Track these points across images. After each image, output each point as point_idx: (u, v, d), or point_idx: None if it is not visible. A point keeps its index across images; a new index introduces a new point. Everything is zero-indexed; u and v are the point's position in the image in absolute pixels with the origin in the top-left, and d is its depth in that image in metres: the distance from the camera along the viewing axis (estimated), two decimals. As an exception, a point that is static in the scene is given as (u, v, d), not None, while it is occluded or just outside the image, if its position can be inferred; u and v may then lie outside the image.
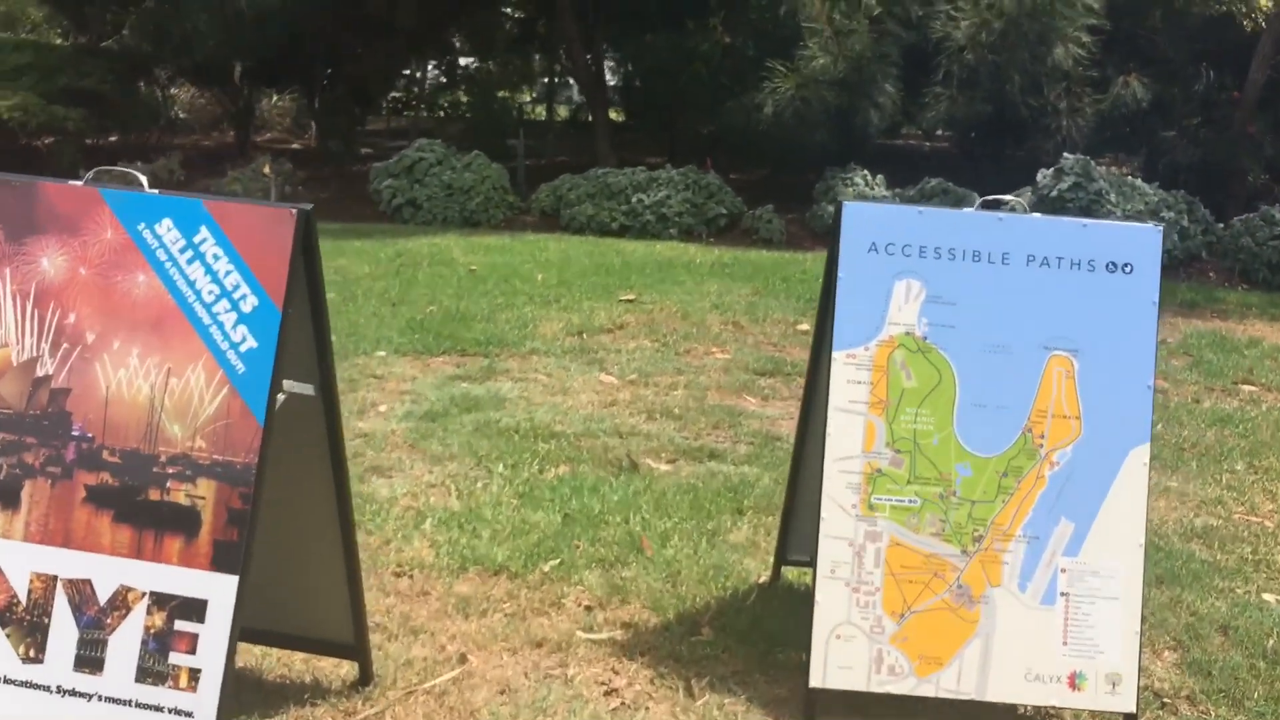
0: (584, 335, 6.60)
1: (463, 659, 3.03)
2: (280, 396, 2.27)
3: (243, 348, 2.23)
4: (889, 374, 2.88)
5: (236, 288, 2.25)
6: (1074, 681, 2.84)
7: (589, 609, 3.34)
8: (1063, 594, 2.86)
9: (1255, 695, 3.09)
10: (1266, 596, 3.71)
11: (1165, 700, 3.06)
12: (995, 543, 2.87)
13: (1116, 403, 2.88)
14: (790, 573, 3.57)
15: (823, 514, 2.86)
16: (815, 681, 2.83)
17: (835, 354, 2.89)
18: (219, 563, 2.21)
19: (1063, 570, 2.86)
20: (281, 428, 2.34)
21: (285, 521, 2.53)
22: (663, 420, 5.16)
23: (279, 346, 2.20)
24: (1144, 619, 2.92)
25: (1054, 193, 10.22)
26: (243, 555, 2.19)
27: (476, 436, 4.78)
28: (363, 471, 4.32)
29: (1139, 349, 2.90)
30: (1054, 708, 2.88)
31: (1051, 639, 2.85)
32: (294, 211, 2.24)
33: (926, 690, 2.84)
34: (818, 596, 2.85)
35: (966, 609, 2.86)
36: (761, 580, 3.57)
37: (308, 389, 2.36)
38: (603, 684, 2.96)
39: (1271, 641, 3.40)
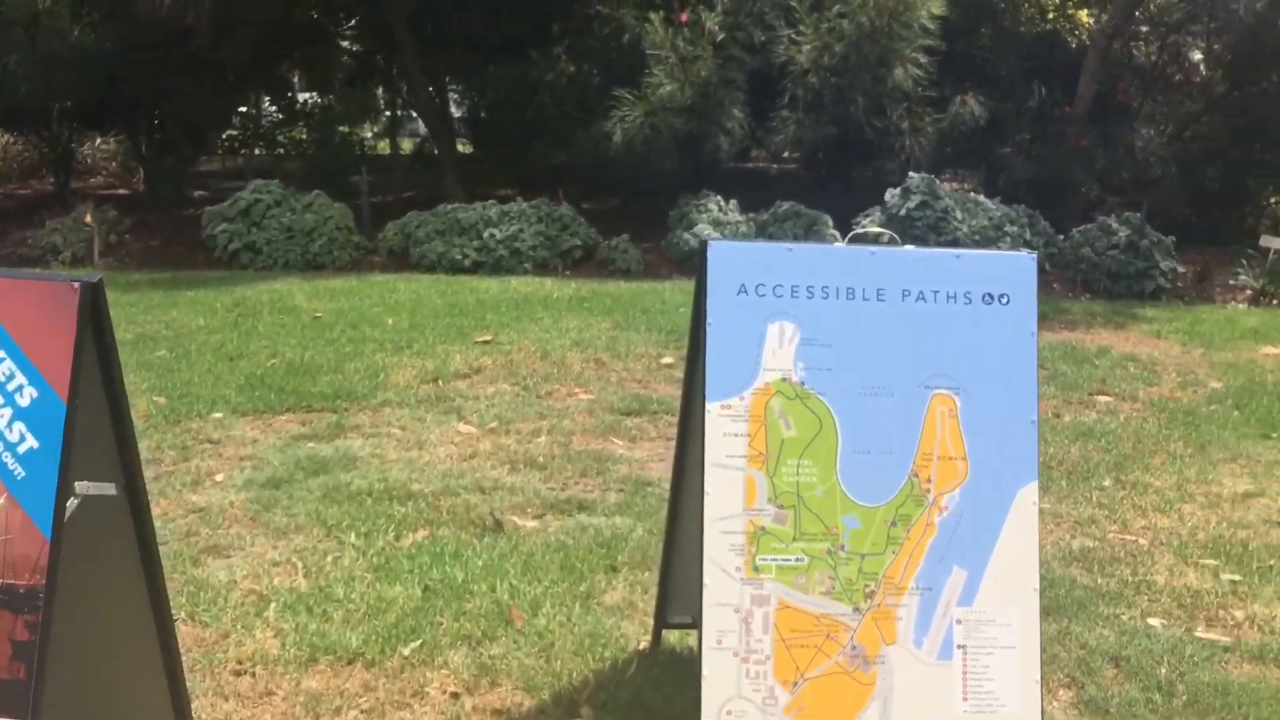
0: (439, 382, 6.28)
1: (315, 769, 2.71)
2: (72, 502, 1.93)
3: (21, 449, 1.89)
4: (767, 424, 2.68)
5: (10, 378, 1.90)
6: (977, 739, 2.68)
7: (455, 696, 3.05)
8: (959, 646, 2.69)
9: (1155, 733, 2.98)
10: (1152, 621, 3.64)
11: (1067, 746, 2.93)
12: (888, 597, 2.69)
13: (1002, 440, 2.74)
14: (671, 636, 3.35)
15: (705, 580, 2.64)
16: (707, 764, 2.60)
17: (709, 406, 2.68)
18: (3, 707, 1.86)
19: (958, 622, 2.70)
20: (80, 535, 2.00)
21: (90, 641, 2.18)
22: (527, 471, 4.88)
23: (66, 444, 1.87)
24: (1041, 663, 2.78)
25: (902, 212, 10.32)
26: (32, 697, 1.84)
27: (325, 503, 4.42)
28: (197, 553, 3.93)
29: (1020, 383, 2.77)
30: (958, 769, 2.71)
31: (952, 695, 2.68)
32: (77, 286, 1.91)
33: (825, 763, 2.64)
34: (704, 670, 2.62)
35: (862, 671, 2.67)
36: (641, 646, 3.33)
37: (108, 488, 2.03)
38: (474, 784, 2.67)
39: (1163, 670, 3.32)
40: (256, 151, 18.80)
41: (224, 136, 18.31)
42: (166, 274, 10.07)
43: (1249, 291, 10.24)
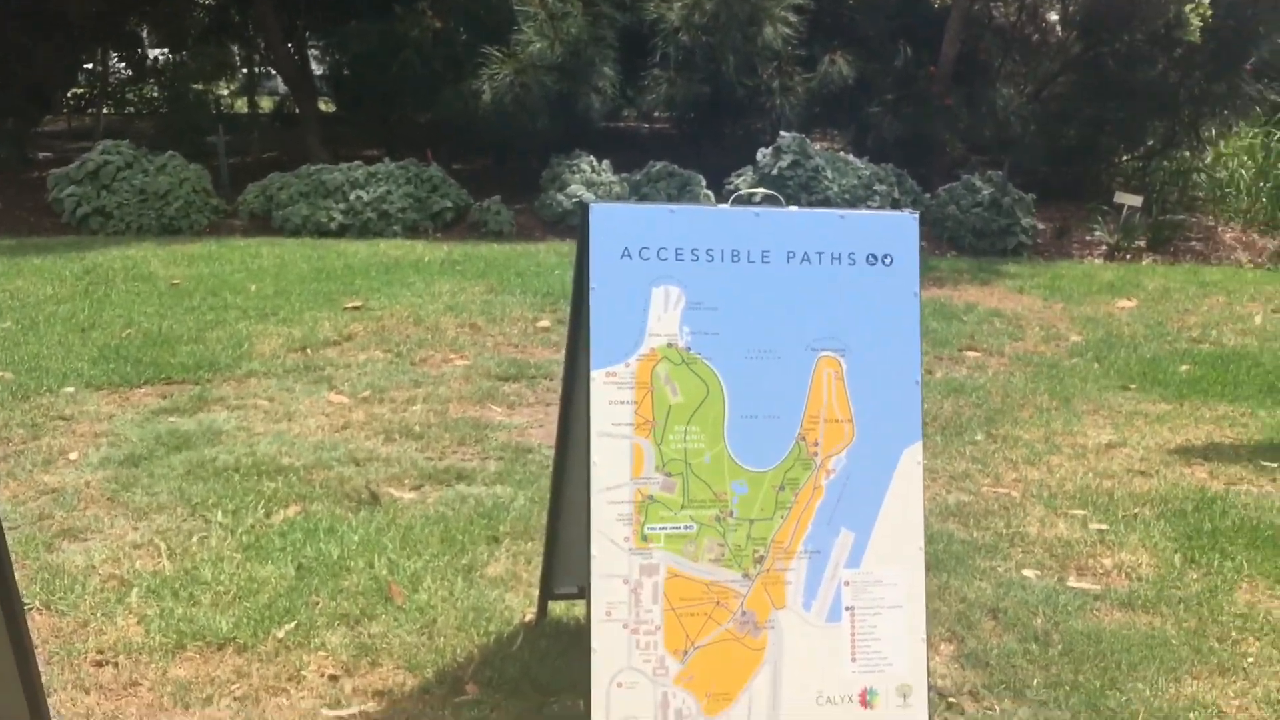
0: (308, 350, 6.07)
1: (186, 764, 2.57)
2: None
3: None
4: (653, 391, 2.62)
5: None
6: (866, 699, 2.69)
7: (334, 679, 2.93)
8: (848, 608, 2.70)
9: (1034, 683, 3.04)
10: (1026, 573, 3.73)
11: (950, 700, 2.98)
12: (777, 562, 2.67)
13: (886, 402, 2.74)
14: (557, 608, 3.28)
15: (593, 551, 2.58)
16: (598, 738, 2.55)
17: (594, 373, 2.60)
18: None
19: (846, 584, 2.70)
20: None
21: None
22: (403, 441, 4.75)
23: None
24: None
25: (774, 171, 10.37)
26: None
27: (189, 480, 4.22)
28: (51, 537, 3.71)
29: (904, 344, 2.77)
30: (848, 730, 2.72)
31: (841, 657, 2.68)
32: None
33: (717, 730, 2.62)
34: (594, 644, 2.57)
35: (752, 637, 2.65)
36: (527, 619, 3.26)
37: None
38: (357, 771, 2.57)
39: (1039, 621, 3.40)
40: (105, 111, 17.89)
41: (69, 95, 17.37)
42: (10, 241, 9.51)
43: (1104, 247, 10.60)
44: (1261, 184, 11.45)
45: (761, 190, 2.96)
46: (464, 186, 10.85)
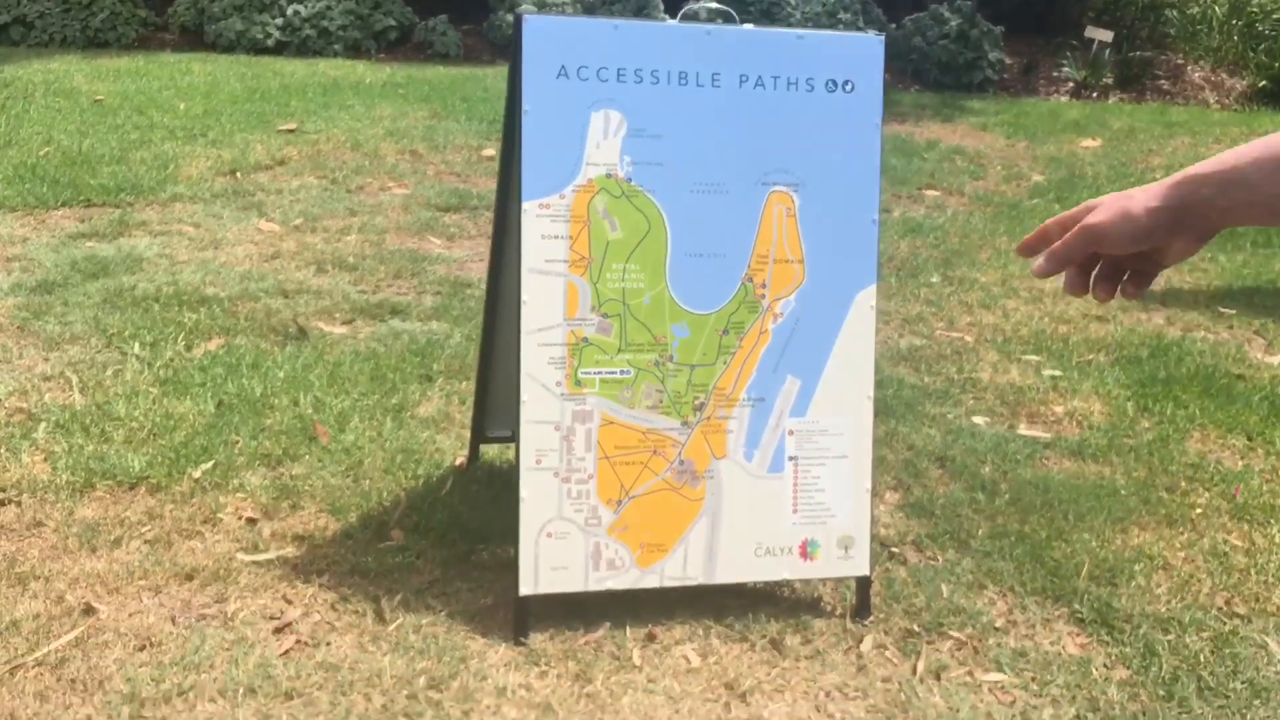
0: (238, 175, 5.75)
1: (88, 610, 2.43)
2: None
3: None
4: (590, 225, 2.42)
5: None
6: (806, 550, 2.60)
7: (252, 522, 2.79)
8: (791, 458, 2.57)
9: (979, 534, 2.97)
10: (976, 420, 3.63)
11: (893, 550, 2.90)
12: (719, 410, 2.53)
13: (841, 241, 2.56)
14: (490, 451, 3.14)
15: (522, 396, 2.42)
16: (526, 588, 2.44)
17: (525, 205, 2.39)
18: None
19: (790, 433, 2.57)
20: None
21: None
22: (335, 273, 4.52)
23: None
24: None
25: (736, -4, 9.91)
26: None
27: (105, 309, 3.99)
28: (-47, 369, 3.49)
29: (862, 179, 2.57)
30: (786, 581, 2.63)
31: (782, 509, 2.57)
32: None
33: (650, 581, 2.51)
34: (523, 493, 2.43)
35: (690, 487, 2.53)
36: (458, 463, 3.12)
37: None
38: (272, 618, 2.45)
39: (986, 469, 3.31)
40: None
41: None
42: (-79, 49, 8.93)
43: (1071, 84, 10.33)
44: (1234, 21, 11.14)
45: (714, 5, 2.70)
46: (408, 4, 10.30)
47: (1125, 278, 1.08)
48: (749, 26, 2.50)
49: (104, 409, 3.28)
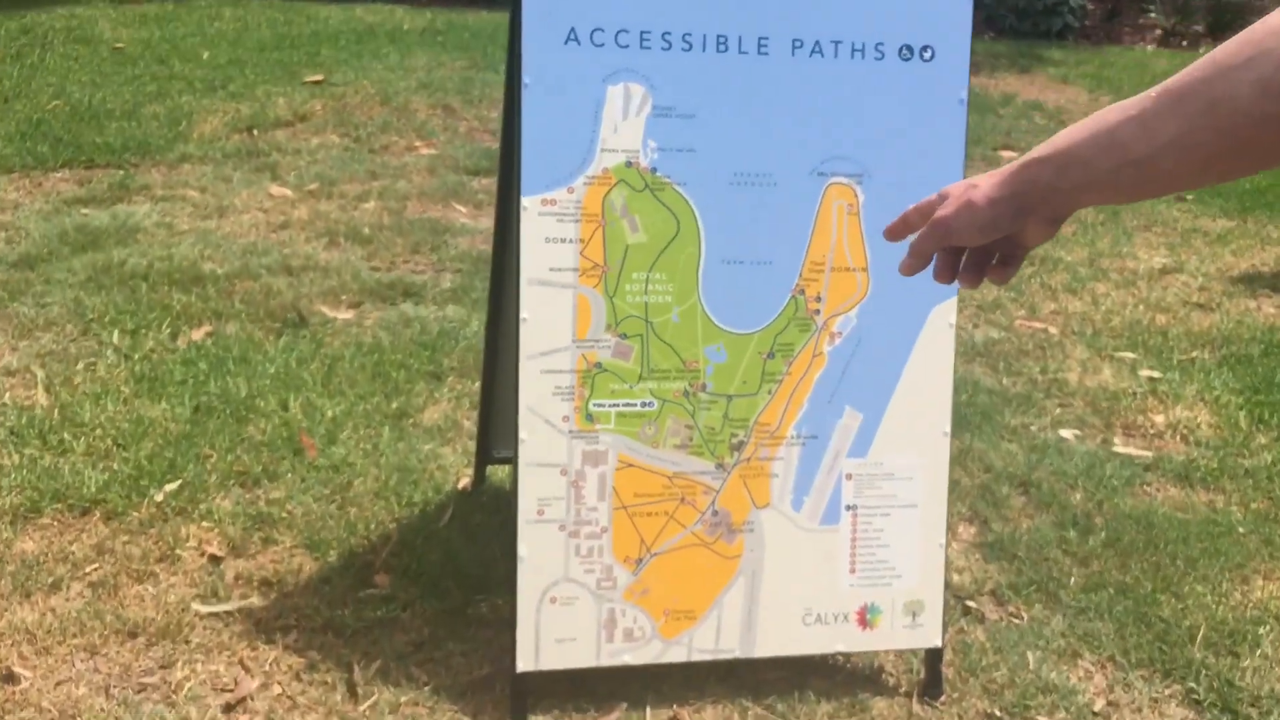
0: (254, 132, 5.35)
1: (9, 678, 2.06)
2: None
3: None
4: (606, 225, 1.97)
5: None
6: (865, 618, 2.15)
7: (216, 560, 2.40)
8: (848, 508, 2.12)
9: (1071, 584, 2.51)
10: (1064, 433, 3.15)
11: (968, 603, 2.44)
12: (761, 449, 2.08)
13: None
14: (499, 472, 2.73)
15: (521, 434, 1.99)
16: (525, 664, 2.03)
17: (525, 200, 1.94)
18: None
19: (848, 477, 2.12)
20: None
21: None
22: (347, 246, 4.11)
23: None
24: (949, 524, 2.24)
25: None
26: None
27: (88, 289, 3.61)
28: (-94, 362, 3.14)
29: (943, 167, 2.09)
30: (841, 654, 2.20)
31: (836, 568, 2.13)
32: None
33: (676, 655, 2.09)
34: (522, 550, 2.01)
35: (725, 542, 2.09)
36: (462, 485, 2.70)
37: None
38: (224, 690, 2.06)
39: (1078, 497, 2.84)
40: None
41: None
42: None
43: (1159, 31, 9.59)
44: (1339, -37, 10.28)
45: (765, -49, 2.21)
46: (453, -56, 9.78)
47: (994, 261, 1.05)
48: (806, -22, 2.01)
49: (68, 412, 2.90)
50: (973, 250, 1.05)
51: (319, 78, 6.31)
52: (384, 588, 2.34)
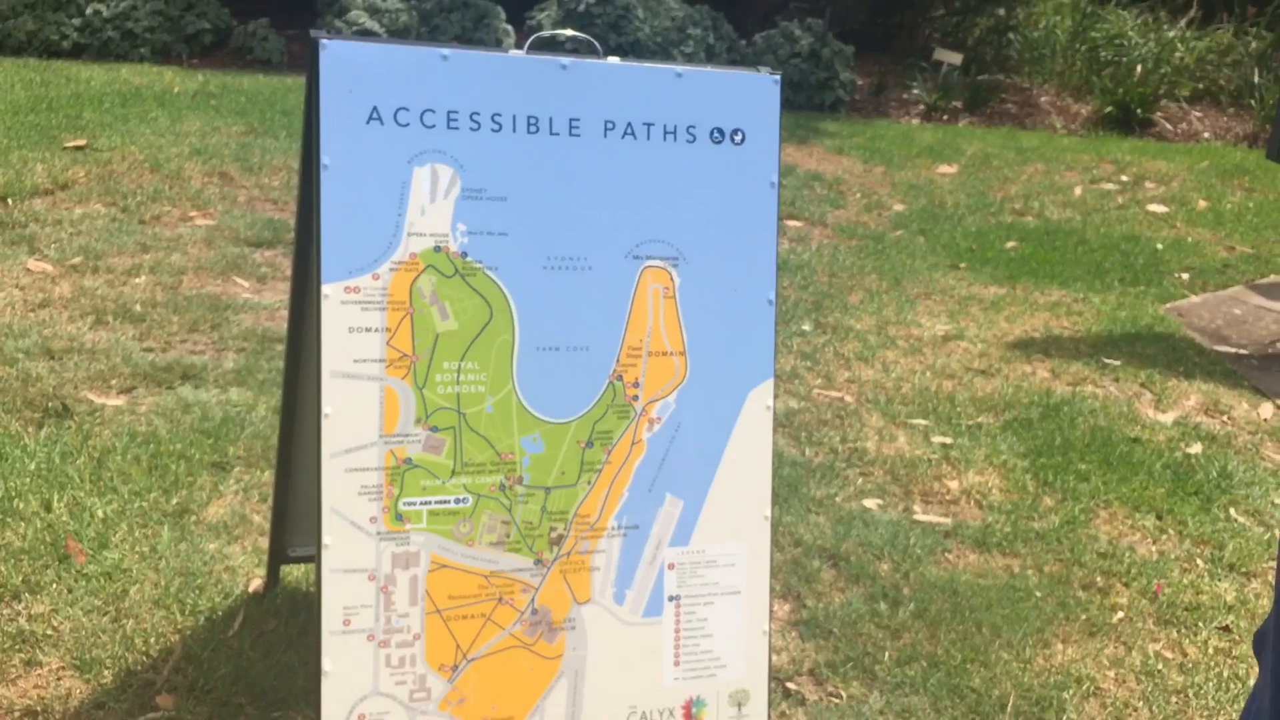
0: (9, 201, 4.94)
1: None
2: None
3: None
4: (414, 313, 1.86)
5: None
6: (690, 712, 2.09)
7: (-32, 692, 2.12)
8: (671, 598, 2.06)
9: (885, 658, 2.52)
10: (868, 503, 3.20)
11: (788, 685, 2.42)
12: (581, 543, 2.00)
13: (730, 328, 2.06)
14: (294, 572, 2.54)
15: (324, 538, 1.84)
16: (332, 790, 1.86)
17: (326, 288, 1.81)
18: None
19: (670, 566, 2.06)
20: None
21: None
22: (117, 325, 3.81)
23: None
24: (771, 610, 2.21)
25: (581, 7, 9.42)
26: None
27: None
28: None
29: (756, 251, 2.08)
30: (667, 750, 2.12)
31: (661, 662, 2.06)
32: None
33: (497, 766, 1.96)
34: (326, 665, 1.85)
35: (546, 642, 1.99)
36: (253, 587, 2.50)
37: None
38: None
39: (885, 568, 2.87)
40: None
41: None
42: None
43: (921, 106, 10.17)
44: (1078, 46, 11.20)
45: (570, 31, 2.17)
46: (225, 5, 9.44)
47: None
48: (614, 60, 1.98)
49: None
50: None
51: (82, 142, 5.91)
52: (168, 709, 2.12)
